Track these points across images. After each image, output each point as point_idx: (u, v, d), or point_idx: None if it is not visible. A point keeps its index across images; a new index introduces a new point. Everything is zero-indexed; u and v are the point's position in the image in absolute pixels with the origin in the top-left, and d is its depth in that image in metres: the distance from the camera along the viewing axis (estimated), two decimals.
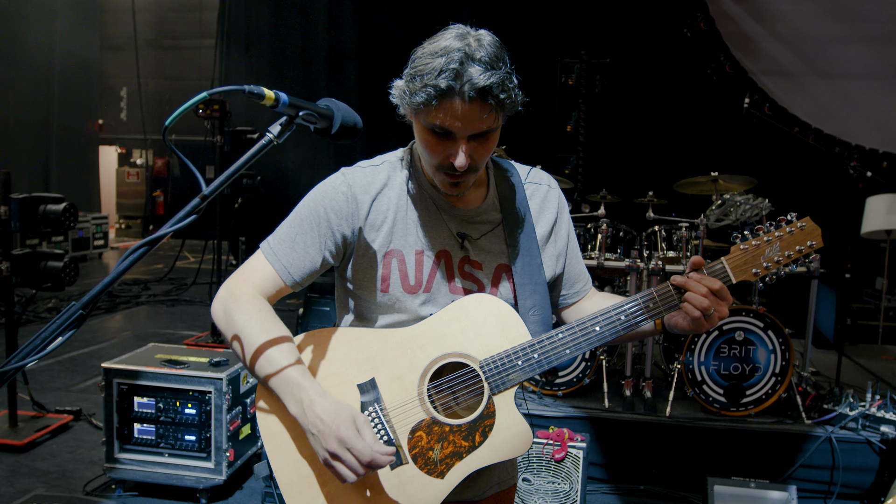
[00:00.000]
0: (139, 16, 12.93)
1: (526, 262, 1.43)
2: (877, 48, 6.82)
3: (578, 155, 7.31)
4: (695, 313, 1.30)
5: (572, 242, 1.55)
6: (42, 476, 3.50)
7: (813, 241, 1.39)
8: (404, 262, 1.39)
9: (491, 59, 1.21)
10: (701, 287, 1.30)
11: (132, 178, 13.85)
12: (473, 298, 1.37)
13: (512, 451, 1.33)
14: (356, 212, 1.38)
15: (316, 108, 1.21)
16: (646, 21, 7.20)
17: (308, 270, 1.39)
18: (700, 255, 1.35)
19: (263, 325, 1.32)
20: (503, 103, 1.24)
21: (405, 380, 1.35)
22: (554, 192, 1.52)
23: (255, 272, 1.38)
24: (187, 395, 3.24)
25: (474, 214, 1.44)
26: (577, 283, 1.56)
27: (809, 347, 4.03)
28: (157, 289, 8.33)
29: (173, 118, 1.09)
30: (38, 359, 1.01)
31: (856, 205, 5.88)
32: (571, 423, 3.63)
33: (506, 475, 1.53)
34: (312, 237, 1.38)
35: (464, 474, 1.32)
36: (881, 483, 3.44)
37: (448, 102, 1.21)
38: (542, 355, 1.33)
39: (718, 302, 1.31)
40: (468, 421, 1.33)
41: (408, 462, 1.32)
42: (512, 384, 1.33)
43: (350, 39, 8.54)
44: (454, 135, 1.26)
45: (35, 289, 3.92)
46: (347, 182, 1.40)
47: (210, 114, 5.67)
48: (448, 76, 1.19)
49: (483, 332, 1.35)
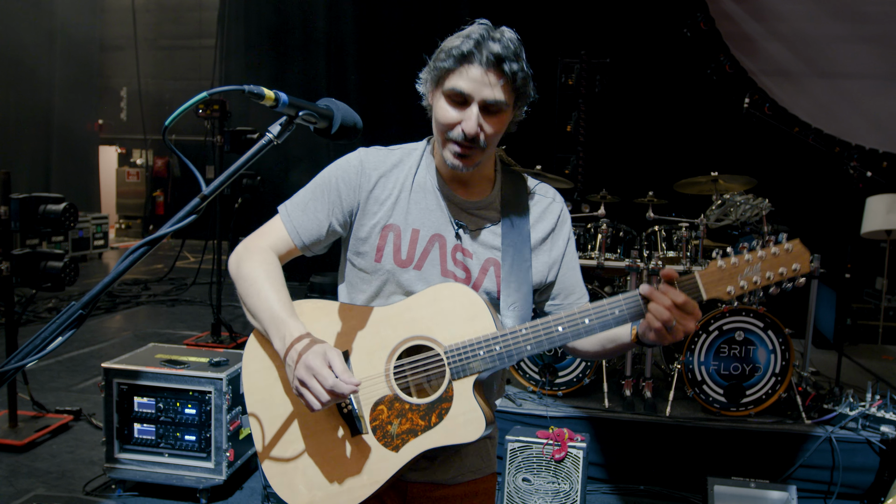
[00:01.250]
0: (139, 16, 12.94)
1: (515, 261, 1.49)
2: (877, 48, 6.82)
3: (578, 155, 7.31)
4: (655, 324, 1.29)
5: (570, 255, 1.59)
6: (42, 476, 3.50)
7: (798, 264, 1.31)
8: (400, 237, 1.49)
9: (508, 41, 1.37)
10: (665, 299, 1.29)
11: (132, 178, 13.84)
12: (447, 287, 1.44)
13: (464, 436, 1.38)
14: (364, 184, 1.50)
15: (316, 108, 1.21)
16: (646, 21, 7.19)
17: (316, 234, 1.52)
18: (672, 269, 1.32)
19: (269, 274, 1.46)
20: (516, 77, 1.37)
21: (374, 356, 1.44)
22: (556, 206, 1.59)
23: (271, 231, 1.53)
24: (187, 395, 3.24)
25: (474, 207, 1.52)
26: (573, 294, 1.60)
27: (809, 347, 4.03)
28: (157, 289, 8.33)
29: (173, 118, 1.09)
30: (38, 359, 1.01)
31: (856, 205, 5.88)
32: (571, 423, 3.63)
33: (480, 463, 1.58)
34: (323, 203, 1.51)
35: (416, 451, 1.40)
36: (881, 483, 3.44)
37: (467, 66, 1.35)
38: (503, 348, 1.38)
39: (683, 316, 1.29)
40: (427, 402, 1.40)
41: (368, 432, 1.42)
42: (472, 372, 1.39)
43: (350, 39, 8.54)
44: (468, 102, 1.37)
45: (35, 289, 3.92)
46: (360, 158, 1.52)
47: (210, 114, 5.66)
48: (470, 44, 1.34)
49: (451, 320, 1.42)
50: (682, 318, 1.29)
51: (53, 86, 10.26)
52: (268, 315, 1.41)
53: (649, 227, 4.86)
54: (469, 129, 1.36)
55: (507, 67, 1.34)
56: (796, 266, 1.31)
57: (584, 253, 4.54)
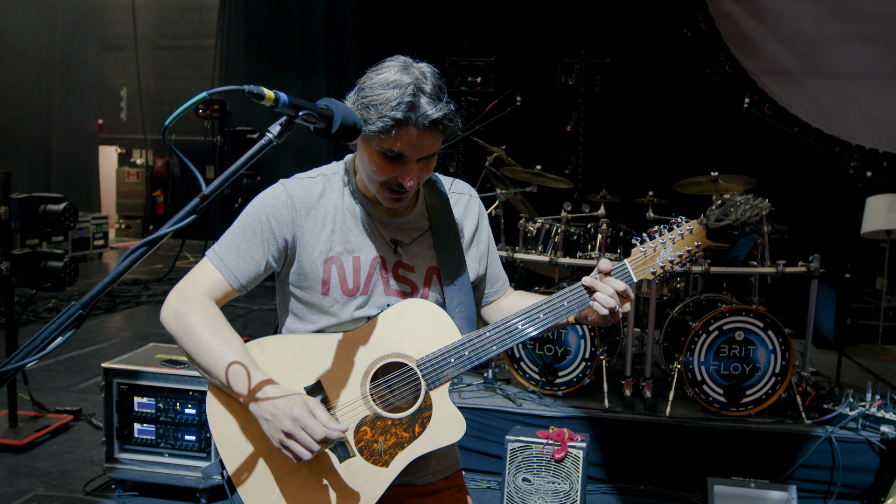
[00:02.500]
0: (139, 16, 12.92)
1: (452, 265, 1.58)
2: (877, 48, 6.82)
3: (578, 155, 7.30)
4: (603, 311, 1.46)
5: (492, 245, 1.72)
6: (42, 476, 3.50)
7: (699, 240, 1.56)
8: (343, 267, 1.52)
9: (436, 90, 1.37)
10: (608, 288, 1.47)
11: (132, 178, 13.83)
12: (408, 303, 1.51)
13: (448, 439, 1.47)
14: (296, 219, 1.49)
15: (315, 108, 1.21)
16: (646, 21, 7.19)
17: (253, 274, 1.50)
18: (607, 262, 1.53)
19: (214, 326, 1.42)
20: (448, 131, 1.40)
21: (349, 381, 1.47)
22: (475, 201, 1.68)
23: (203, 278, 1.49)
24: (187, 395, 3.24)
25: (405, 222, 1.58)
26: (497, 282, 1.74)
27: (809, 347, 4.03)
28: (157, 289, 8.33)
29: (173, 118, 1.09)
30: (38, 359, 1.01)
31: (856, 205, 5.88)
32: (571, 423, 3.63)
33: (447, 462, 1.66)
34: (256, 243, 1.49)
35: (406, 461, 1.46)
36: (881, 483, 3.44)
37: (404, 131, 1.34)
38: (472, 352, 1.48)
39: (623, 300, 1.48)
40: (408, 414, 1.46)
41: (355, 455, 1.45)
42: (446, 379, 1.47)
43: (350, 39, 8.54)
44: (405, 158, 1.39)
45: (35, 289, 3.92)
46: (287, 192, 1.51)
47: (210, 114, 5.67)
48: (404, 108, 1.32)
49: (418, 334, 1.48)
50: (623, 302, 1.48)
51: (53, 86, 10.26)
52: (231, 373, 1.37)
53: (649, 227, 4.85)
54: (410, 184, 1.40)
55: (441, 127, 1.37)
56: (698, 242, 1.57)
57: (584, 253, 4.54)
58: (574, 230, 4.64)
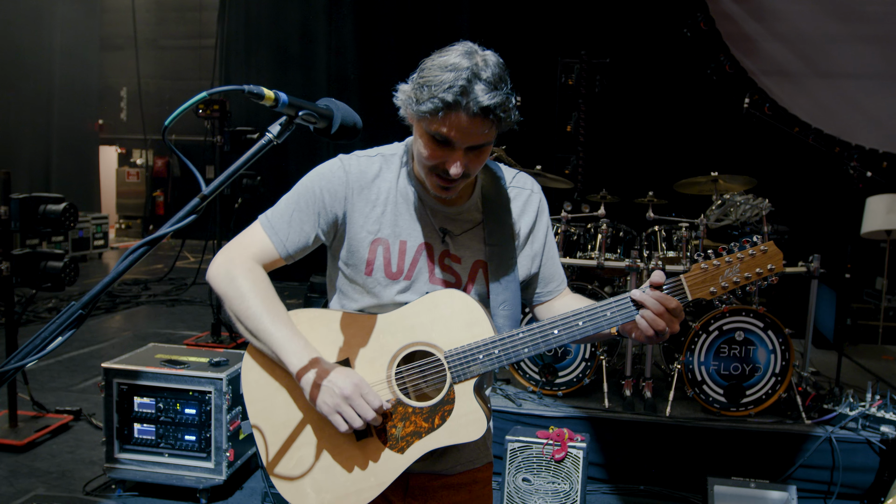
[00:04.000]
0: (139, 16, 12.93)
1: (502, 261, 1.52)
2: (877, 48, 6.82)
3: (578, 155, 7.31)
4: (649, 332, 1.37)
5: (549, 244, 1.63)
6: (42, 476, 3.50)
7: (773, 265, 1.42)
8: (389, 250, 1.50)
9: (495, 79, 1.30)
10: (658, 306, 1.36)
11: (132, 178, 13.84)
12: (445, 294, 1.47)
13: (467, 436, 1.43)
14: (349, 195, 1.49)
15: (315, 108, 1.21)
16: (646, 21, 7.19)
17: (301, 245, 1.50)
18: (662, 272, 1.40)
19: (265, 293, 1.45)
20: (502, 121, 1.33)
21: (376, 363, 1.47)
22: (535, 197, 1.61)
23: (254, 243, 1.50)
24: (187, 395, 3.24)
25: (457, 212, 1.53)
26: (552, 282, 1.65)
27: (809, 347, 4.03)
28: (157, 289, 8.33)
29: (173, 118, 1.09)
30: (38, 359, 1.01)
31: (856, 205, 5.88)
32: (571, 423, 3.63)
33: (476, 454, 1.62)
34: (308, 214, 1.49)
35: (421, 452, 1.44)
36: (881, 483, 3.44)
37: (453, 115, 1.29)
38: (501, 352, 1.42)
39: (672, 320, 1.37)
40: (429, 405, 1.44)
41: (373, 435, 1.46)
42: (472, 375, 1.43)
43: (350, 39, 8.53)
44: (453, 144, 1.34)
45: (35, 289, 3.92)
46: (344, 167, 1.50)
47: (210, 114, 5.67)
48: (456, 91, 1.27)
49: (450, 326, 1.45)
50: (671, 322, 1.37)
51: (53, 86, 10.26)
52: (272, 337, 1.41)
53: (649, 227, 4.86)
54: (455, 172, 1.35)
55: (492, 116, 1.30)
56: (771, 266, 1.41)
57: (584, 253, 4.54)
58: (574, 230, 4.64)
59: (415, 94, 1.33)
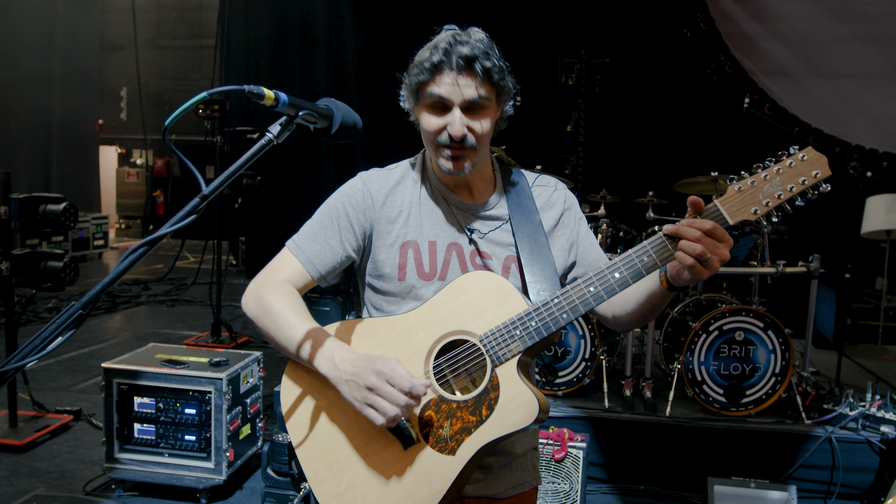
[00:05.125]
0: (139, 16, 12.94)
1: (533, 249, 1.49)
2: (877, 48, 6.81)
3: (578, 155, 7.30)
4: (688, 261, 1.24)
5: (584, 232, 1.59)
6: (42, 476, 3.50)
7: (818, 170, 1.26)
8: (419, 251, 1.49)
9: (476, 42, 1.38)
10: (693, 231, 1.24)
11: (132, 178, 13.84)
12: (470, 276, 1.42)
13: (519, 422, 1.32)
14: (372, 206, 1.51)
15: (316, 108, 1.21)
16: (646, 21, 7.18)
17: (331, 263, 1.51)
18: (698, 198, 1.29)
19: (293, 305, 1.45)
20: (490, 74, 1.37)
21: (411, 362, 1.40)
22: (560, 192, 1.60)
23: (283, 267, 1.51)
24: (187, 395, 3.24)
25: (481, 209, 1.53)
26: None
27: (809, 347, 4.03)
28: (157, 289, 8.33)
29: (173, 118, 1.09)
30: (38, 359, 1.01)
31: (856, 205, 5.88)
32: (571, 423, 3.63)
33: (527, 476, 1.58)
34: (334, 231, 1.51)
35: (474, 449, 1.34)
36: (881, 483, 3.44)
37: (439, 74, 1.37)
38: (539, 322, 1.34)
39: (715, 244, 1.24)
40: (473, 396, 1.35)
41: (420, 441, 1.37)
42: (513, 354, 1.34)
43: (350, 39, 8.53)
44: (449, 106, 1.38)
45: (35, 289, 3.92)
46: (363, 181, 1.54)
47: (210, 114, 5.66)
48: (439, 54, 1.36)
49: (481, 308, 1.38)
50: (714, 247, 1.24)
51: (53, 86, 10.26)
52: (305, 342, 1.40)
53: (649, 227, 4.86)
54: (455, 131, 1.38)
55: (478, 66, 1.35)
56: (816, 172, 1.26)
57: None
58: None
59: (409, 79, 1.43)
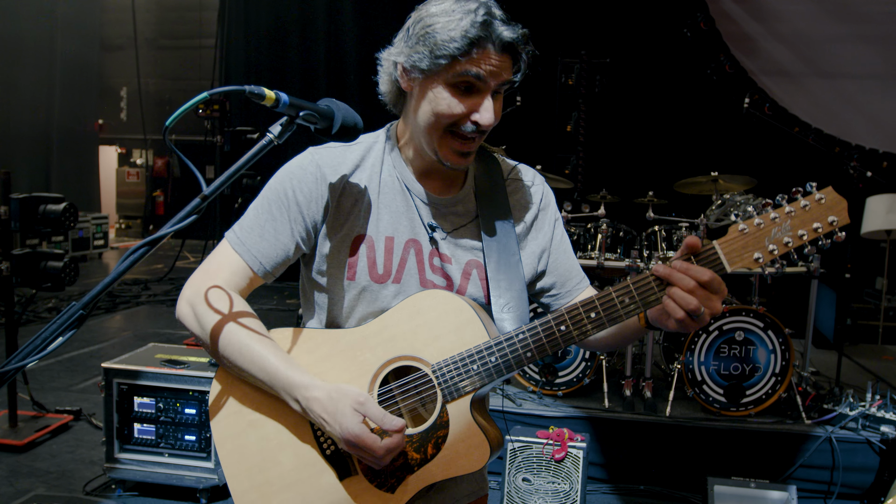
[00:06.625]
0: (139, 16, 12.93)
1: (501, 259, 1.33)
2: (877, 48, 6.82)
3: (578, 155, 7.31)
4: (678, 314, 1.10)
5: (558, 238, 1.44)
6: (42, 476, 3.50)
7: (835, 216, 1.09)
8: (373, 248, 1.32)
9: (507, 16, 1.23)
10: (688, 281, 1.09)
11: (132, 178, 13.84)
12: (427, 295, 1.27)
13: (467, 466, 1.20)
14: (325, 193, 1.30)
15: (316, 108, 1.21)
16: (646, 21, 7.19)
17: (280, 259, 1.31)
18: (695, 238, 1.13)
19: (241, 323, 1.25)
20: (520, 63, 1.26)
21: (354, 385, 1.24)
22: (537, 189, 1.44)
23: (223, 267, 1.30)
24: (187, 395, 3.24)
25: (448, 204, 1.37)
26: (570, 279, 1.44)
27: (809, 347, 4.03)
28: (157, 289, 8.33)
29: (173, 118, 1.09)
30: (39, 359, 1.01)
31: (856, 205, 5.88)
32: (571, 423, 3.63)
33: (474, 486, 1.45)
34: (283, 222, 1.30)
35: (415, 490, 1.22)
36: (881, 483, 3.44)
37: (481, 51, 1.19)
38: (500, 358, 1.20)
39: (709, 297, 1.09)
40: (419, 431, 1.22)
41: (357, 473, 1.24)
42: (466, 391, 1.21)
43: (350, 38, 8.53)
44: (481, 87, 1.22)
45: (35, 289, 3.92)
46: (316, 161, 1.32)
47: (210, 114, 5.67)
48: (480, 24, 1.18)
49: (436, 333, 1.23)
50: (708, 300, 1.09)
51: (53, 86, 10.27)
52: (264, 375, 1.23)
53: (649, 227, 4.86)
54: (486, 119, 1.22)
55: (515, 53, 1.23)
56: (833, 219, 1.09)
57: (584, 253, 4.54)
58: (574, 230, 4.65)
59: (424, 46, 1.21)
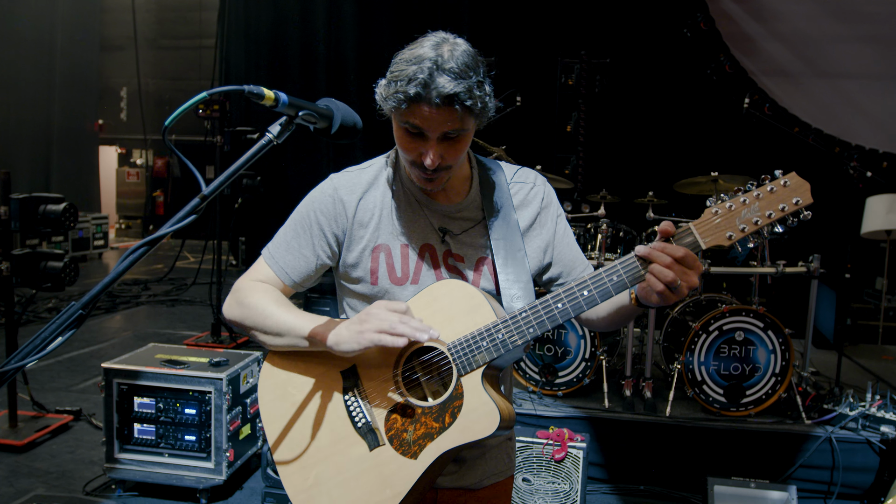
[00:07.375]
0: (139, 16, 12.94)
1: (508, 255, 1.48)
2: (877, 48, 6.81)
3: (578, 155, 7.30)
4: (657, 286, 1.24)
5: (561, 231, 1.58)
6: (42, 476, 3.50)
7: (799, 197, 1.23)
8: (391, 255, 1.49)
9: (461, 68, 1.28)
10: (664, 257, 1.24)
11: (132, 178, 13.84)
12: (442, 285, 1.43)
13: (480, 432, 1.35)
14: (343, 212, 1.49)
15: (316, 108, 1.21)
16: (646, 21, 7.19)
17: (304, 272, 1.52)
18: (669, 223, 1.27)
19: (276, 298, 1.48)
20: (470, 109, 1.30)
21: (381, 367, 1.44)
22: (539, 189, 1.57)
23: (259, 274, 1.53)
24: (187, 395, 3.24)
25: (455, 210, 1.51)
26: (575, 269, 1.57)
27: (809, 347, 4.03)
28: (157, 289, 8.33)
29: (173, 118, 1.09)
30: (38, 359, 1.01)
31: (856, 205, 5.88)
32: (571, 423, 3.63)
33: (502, 466, 1.60)
34: (306, 240, 1.50)
35: (435, 454, 1.38)
36: (881, 483, 3.44)
37: (416, 107, 1.29)
38: (506, 334, 1.36)
39: (685, 271, 1.24)
40: (438, 403, 1.39)
41: (384, 444, 1.42)
42: (478, 365, 1.37)
43: (350, 38, 8.53)
44: (425, 135, 1.33)
45: (35, 289, 3.92)
46: (334, 185, 1.51)
47: (210, 114, 5.67)
48: (417, 84, 1.26)
49: (451, 316, 1.40)
50: (684, 274, 1.24)
51: (53, 86, 10.27)
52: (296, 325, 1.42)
53: (649, 227, 4.86)
54: (429, 163, 1.34)
55: (458, 105, 1.28)
56: (797, 199, 1.23)
57: (585, 253, 4.53)
58: (574, 230, 4.64)
59: (385, 89, 1.34)
